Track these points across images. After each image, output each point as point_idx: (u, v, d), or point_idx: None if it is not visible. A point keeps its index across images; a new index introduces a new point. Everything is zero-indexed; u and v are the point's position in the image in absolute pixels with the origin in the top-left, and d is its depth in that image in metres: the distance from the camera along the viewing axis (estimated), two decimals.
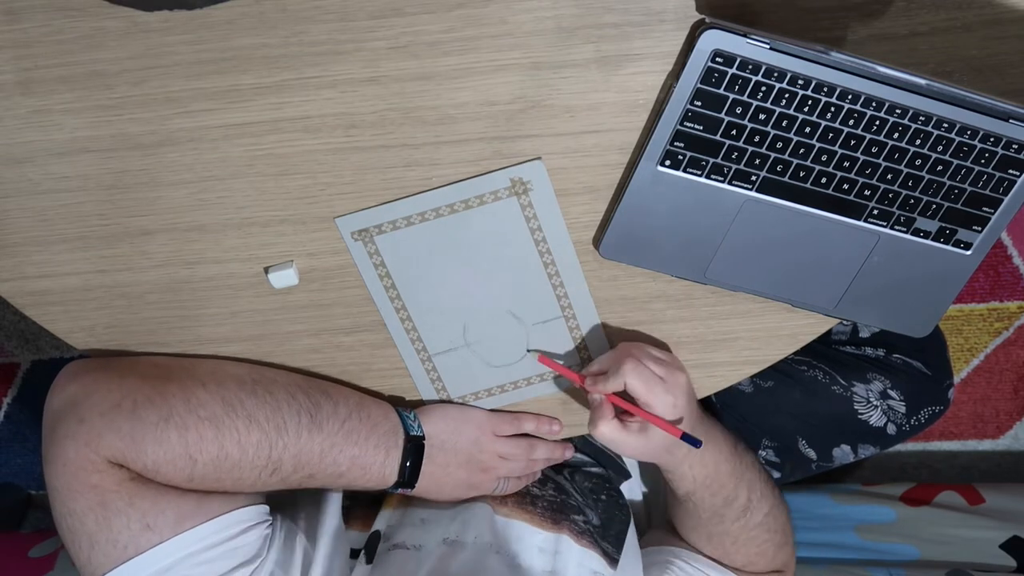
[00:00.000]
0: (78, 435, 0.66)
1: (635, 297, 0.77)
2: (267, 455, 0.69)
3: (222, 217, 0.72)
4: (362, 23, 0.65)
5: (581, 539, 0.79)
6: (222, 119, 0.68)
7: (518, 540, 0.78)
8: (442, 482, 0.77)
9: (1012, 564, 1.14)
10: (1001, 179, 0.68)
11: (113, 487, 0.66)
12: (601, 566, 0.78)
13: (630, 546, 0.83)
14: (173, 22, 0.64)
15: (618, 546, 0.82)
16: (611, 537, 0.82)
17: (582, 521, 0.81)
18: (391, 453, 0.74)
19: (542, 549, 0.78)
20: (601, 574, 0.78)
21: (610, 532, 0.83)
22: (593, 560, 0.78)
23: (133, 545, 0.66)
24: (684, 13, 0.65)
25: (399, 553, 0.75)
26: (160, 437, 0.66)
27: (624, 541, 0.83)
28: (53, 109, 0.67)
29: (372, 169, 0.70)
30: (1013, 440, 1.51)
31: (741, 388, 0.97)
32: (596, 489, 0.87)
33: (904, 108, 0.64)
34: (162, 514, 0.66)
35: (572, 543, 0.78)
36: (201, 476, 0.68)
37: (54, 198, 0.71)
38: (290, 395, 0.72)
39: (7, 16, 0.64)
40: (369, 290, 0.75)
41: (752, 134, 0.66)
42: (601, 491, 0.87)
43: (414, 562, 0.74)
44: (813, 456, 0.99)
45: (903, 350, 1.00)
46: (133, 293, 0.75)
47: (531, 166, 0.70)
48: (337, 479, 0.73)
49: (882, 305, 0.75)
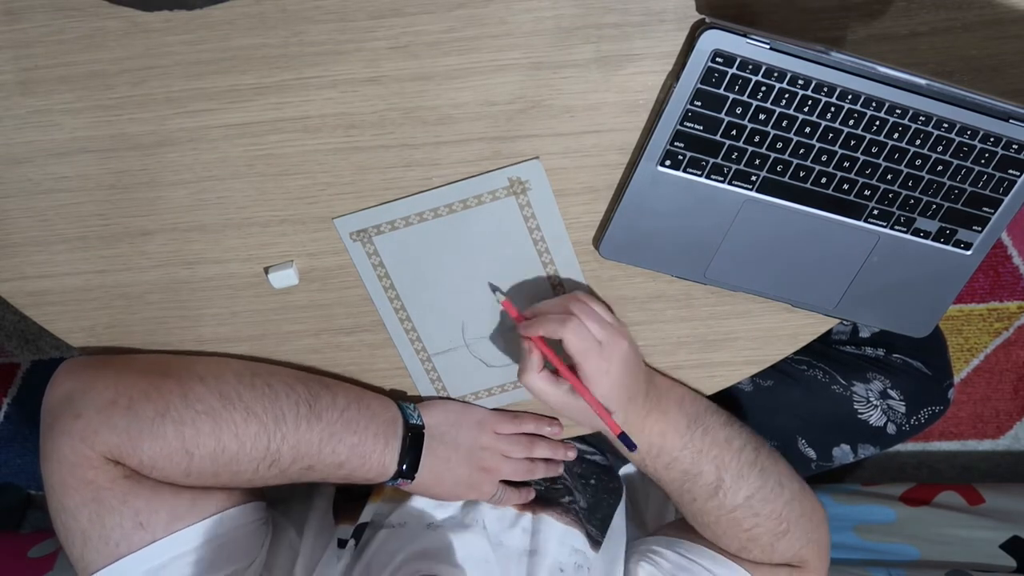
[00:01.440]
0: (74, 431, 0.66)
1: (635, 297, 0.77)
2: (265, 447, 0.69)
3: (222, 217, 0.72)
4: (362, 23, 0.65)
5: (565, 516, 0.80)
6: (222, 119, 0.68)
7: (500, 519, 0.78)
8: (442, 477, 0.76)
9: (1012, 564, 1.15)
10: (1001, 179, 0.68)
11: (107, 484, 0.66)
12: (584, 545, 0.78)
13: (615, 530, 0.83)
14: (173, 22, 0.64)
15: (603, 530, 0.82)
16: (596, 520, 0.82)
17: (568, 501, 0.82)
18: (390, 442, 0.74)
19: (524, 529, 0.79)
20: (583, 552, 0.78)
21: (596, 515, 0.83)
22: (576, 539, 0.79)
23: (125, 543, 0.66)
24: (684, 13, 0.65)
25: (383, 532, 0.75)
26: (156, 432, 0.66)
27: (609, 525, 0.83)
28: (53, 109, 0.67)
29: (372, 169, 0.70)
30: (1013, 440, 1.51)
31: (741, 387, 0.97)
32: (585, 474, 0.87)
33: (904, 108, 0.64)
34: (155, 513, 0.66)
35: (554, 521, 0.79)
36: (198, 471, 0.68)
37: (54, 198, 0.71)
38: (288, 386, 0.72)
39: (7, 16, 0.64)
40: (368, 290, 0.75)
41: (752, 134, 0.66)
42: (591, 476, 0.87)
43: (396, 539, 0.74)
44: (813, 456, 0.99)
45: (903, 350, 1.00)
46: (133, 293, 0.75)
47: (529, 165, 0.70)
48: (336, 469, 0.73)
49: (882, 305, 0.75)
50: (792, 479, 0.80)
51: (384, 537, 0.75)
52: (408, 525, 0.76)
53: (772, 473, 0.78)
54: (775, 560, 0.80)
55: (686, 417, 0.77)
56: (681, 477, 0.77)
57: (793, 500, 0.79)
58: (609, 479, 0.88)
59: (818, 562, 0.82)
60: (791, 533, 0.79)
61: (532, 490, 0.82)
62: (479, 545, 0.75)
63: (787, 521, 0.78)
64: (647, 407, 0.74)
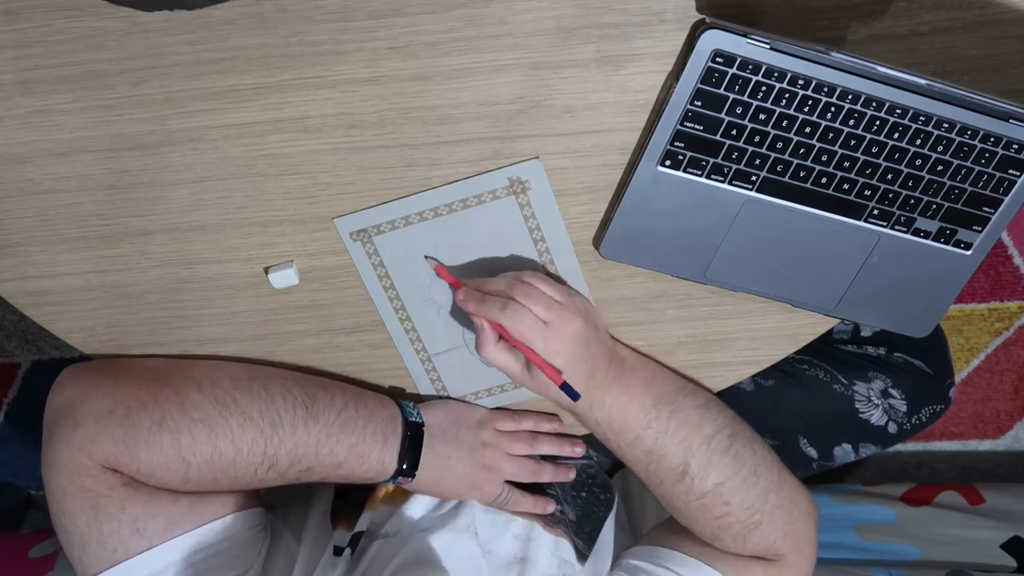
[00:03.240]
0: (72, 440, 0.66)
1: (635, 297, 0.77)
2: (262, 451, 0.69)
3: (222, 217, 0.72)
4: (362, 23, 0.65)
5: (556, 528, 0.79)
6: (222, 119, 0.68)
7: (493, 526, 0.78)
8: (442, 475, 0.76)
9: (1012, 564, 1.14)
10: (1001, 179, 0.68)
11: (105, 492, 0.66)
12: (572, 557, 0.78)
13: (603, 543, 0.83)
14: (173, 22, 0.64)
15: (590, 543, 0.82)
16: (584, 533, 0.82)
17: (559, 512, 0.81)
18: (389, 441, 0.74)
19: (516, 535, 0.78)
20: (570, 563, 0.77)
21: (584, 528, 0.82)
22: (565, 550, 0.78)
23: (123, 549, 0.66)
24: (684, 13, 0.65)
25: (377, 543, 0.75)
26: (153, 441, 0.67)
27: (596, 538, 0.82)
28: (53, 109, 0.67)
29: (372, 169, 0.70)
30: (1013, 440, 1.51)
31: (742, 387, 0.97)
32: (576, 487, 0.86)
33: (904, 108, 0.64)
34: (152, 519, 0.67)
35: (543, 532, 0.79)
36: (196, 477, 0.68)
37: (54, 198, 0.71)
38: (286, 389, 0.72)
39: (7, 16, 0.64)
40: (368, 290, 0.75)
41: (752, 134, 0.66)
42: (583, 488, 0.86)
43: (389, 548, 0.74)
44: (814, 455, 0.99)
45: (904, 349, 1.00)
46: (133, 293, 0.75)
47: (529, 165, 0.70)
48: (335, 470, 0.73)
49: (882, 305, 0.75)
50: (771, 470, 0.77)
51: (377, 548, 0.75)
52: (401, 534, 0.76)
53: (747, 462, 0.76)
54: (747, 552, 0.78)
55: (653, 395, 0.75)
56: (646, 458, 0.75)
57: (769, 491, 0.76)
58: (600, 490, 0.87)
59: (797, 556, 0.78)
60: (764, 525, 0.76)
61: (551, 501, 0.81)
62: (469, 550, 0.75)
63: (760, 512, 0.76)
64: (608, 380, 0.73)
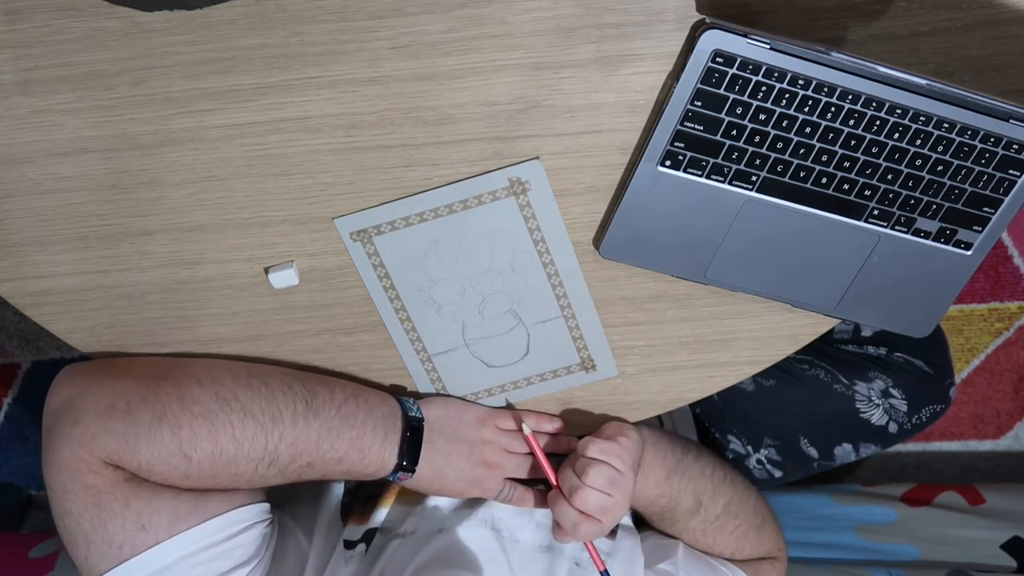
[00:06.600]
0: (73, 436, 0.66)
1: (635, 297, 0.77)
2: (263, 446, 0.69)
3: (222, 217, 0.72)
4: (362, 23, 0.65)
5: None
6: (222, 119, 0.68)
7: (517, 514, 0.79)
8: (443, 471, 0.76)
9: (1012, 564, 1.14)
10: (1002, 179, 0.68)
11: (108, 488, 0.66)
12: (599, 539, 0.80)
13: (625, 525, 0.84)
14: (173, 22, 0.64)
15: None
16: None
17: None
18: (389, 436, 0.74)
19: (539, 524, 0.79)
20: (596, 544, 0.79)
21: None
22: None
23: (129, 546, 0.66)
24: (684, 13, 0.65)
25: (395, 542, 0.75)
26: (153, 436, 0.66)
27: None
28: (53, 109, 0.67)
29: (373, 169, 0.70)
30: (1013, 440, 1.51)
31: (743, 387, 0.97)
32: None
33: (904, 108, 0.64)
34: (157, 515, 0.67)
35: None
36: (197, 473, 0.68)
37: (54, 198, 0.71)
38: (285, 384, 0.72)
39: (7, 16, 0.64)
40: (368, 291, 0.75)
41: (752, 134, 0.66)
42: None
43: (407, 549, 0.75)
44: (815, 455, 1.00)
45: (905, 348, 1.00)
46: (133, 293, 0.75)
47: (529, 166, 0.70)
48: (336, 465, 0.73)
49: (882, 305, 0.75)
50: (747, 481, 0.88)
51: (395, 548, 0.75)
52: (418, 532, 0.76)
53: (736, 479, 0.85)
54: (762, 552, 0.85)
55: (665, 470, 0.80)
56: (660, 512, 0.82)
57: (759, 498, 0.86)
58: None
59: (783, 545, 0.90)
60: (768, 524, 0.85)
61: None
62: (489, 547, 0.75)
63: (761, 514, 0.85)
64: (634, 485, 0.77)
